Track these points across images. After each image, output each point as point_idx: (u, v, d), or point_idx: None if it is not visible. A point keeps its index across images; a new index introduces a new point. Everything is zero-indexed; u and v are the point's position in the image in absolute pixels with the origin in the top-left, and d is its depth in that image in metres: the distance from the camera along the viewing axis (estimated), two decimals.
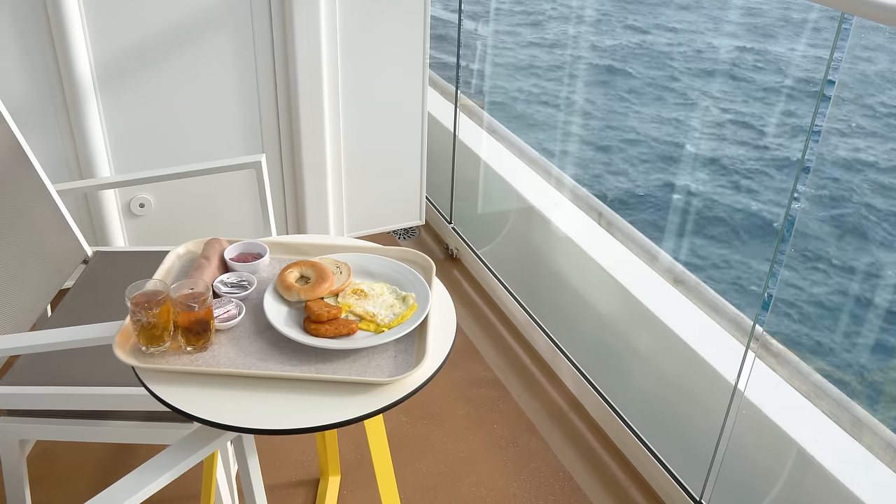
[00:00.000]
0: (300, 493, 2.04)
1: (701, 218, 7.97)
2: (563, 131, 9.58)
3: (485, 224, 3.01)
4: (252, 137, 2.67)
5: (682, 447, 2.06)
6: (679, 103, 10.58)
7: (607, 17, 12.87)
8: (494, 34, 10.65)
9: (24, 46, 2.28)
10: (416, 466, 2.13)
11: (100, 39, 2.34)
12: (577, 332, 2.48)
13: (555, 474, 2.13)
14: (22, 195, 2.01)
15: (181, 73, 2.49)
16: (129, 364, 1.27)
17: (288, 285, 1.39)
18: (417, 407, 2.32)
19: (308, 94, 2.61)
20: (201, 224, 2.74)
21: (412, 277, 1.45)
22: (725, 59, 11.53)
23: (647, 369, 2.20)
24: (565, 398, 2.41)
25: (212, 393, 1.23)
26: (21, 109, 2.33)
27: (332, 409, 1.20)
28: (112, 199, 2.58)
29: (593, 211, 2.65)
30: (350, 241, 1.60)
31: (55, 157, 2.44)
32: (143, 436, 1.76)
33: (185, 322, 1.27)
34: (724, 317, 2.11)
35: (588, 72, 11.58)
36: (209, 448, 1.24)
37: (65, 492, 2.01)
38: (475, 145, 3.06)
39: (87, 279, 2.10)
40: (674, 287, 2.25)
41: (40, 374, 1.74)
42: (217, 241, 1.52)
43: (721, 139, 9.71)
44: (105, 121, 2.45)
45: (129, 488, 1.17)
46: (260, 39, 2.53)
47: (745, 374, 1.82)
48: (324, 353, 1.29)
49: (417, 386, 1.24)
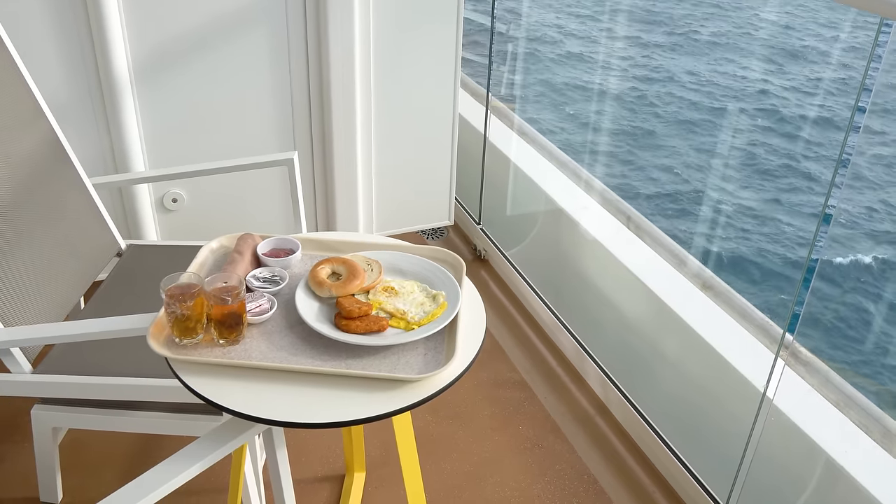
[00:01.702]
0: (325, 488, 2.05)
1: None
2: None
3: (513, 226, 3.01)
4: (284, 135, 2.70)
5: (708, 453, 2.05)
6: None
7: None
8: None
9: (63, 43, 2.31)
10: (441, 465, 2.14)
11: (137, 35, 2.38)
12: (604, 334, 2.48)
13: (579, 477, 2.12)
14: (60, 188, 2.04)
15: (216, 70, 2.52)
16: (163, 355, 1.28)
17: (320, 281, 1.40)
18: (443, 406, 2.33)
19: (340, 93, 2.63)
20: (232, 220, 2.77)
21: (442, 276, 1.46)
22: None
23: (674, 374, 2.19)
24: (591, 401, 2.41)
25: (243, 386, 1.24)
26: (60, 104, 2.36)
27: (361, 404, 1.21)
28: (146, 193, 2.61)
29: (622, 214, 2.64)
30: (381, 238, 1.61)
31: (92, 151, 2.48)
32: (171, 427, 1.78)
33: (218, 315, 1.29)
34: (753, 323, 2.10)
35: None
36: (239, 440, 1.26)
37: (94, 480, 2.04)
38: (505, 147, 3.06)
39: (120, 272, 2.13)
40: (702, 292, 2.24)
41: (74, 363, 1.77)
42: (250, 237, 1.54)
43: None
44: (141, 116, 2.49)
45: (161, 477, 1.18)
46: (294, 38, 2.55)
47: (775, 381, 1.81)
48: (354, 349, 1.30)
49: (446, 384, 1.25)
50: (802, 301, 1.76)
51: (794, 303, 1.76)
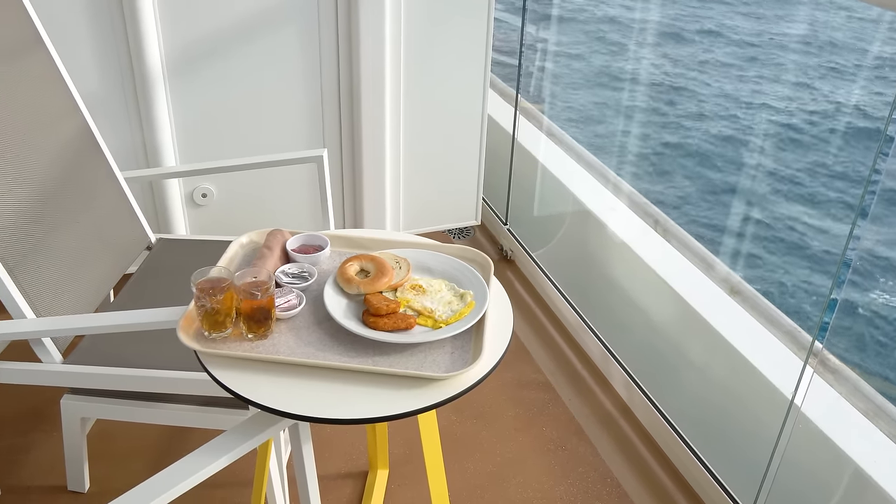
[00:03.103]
0: (348, 484, 2.06)
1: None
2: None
3: (540, 226, 3.01)
4: (313, 132, 2.71)
5: (733, 458, 2.04)
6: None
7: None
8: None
9: (98, 39, 2.34)
10: (464, 465, 2.14)
11: (171, 31, 2.40)
12: (630, 337, 2.47)
13: (602, 480, 2.11)
14: (92, 181, 2.07)
15: (247, 67, 2.53)
16: (192, 348, 1.30)
17: (348, 278, 1.41)
18: (467, 406, 2.33)
19: (370, 92, 2.64)
20: (260, 216, 2.79)
21: (470, 275, 1.46)
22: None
23: (699, 378, 2.17)
24: (615, 403, 2.40)
25: (270, 380, 1.25)
26: (94, 99, 2.39)
27: (387, 401, 1.21)
28: (176, 188, 2.64)
29: (649, 217, 2.63)
30: (409, 236, 1.62)
31: (124, 145, 2.51)
32: (198, 420, 1.80)
33: (247, 309, 1.30)
34: (781, 329, 2.08)
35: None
36: (266, 434, 1.27)
37: (121, 470, 2.06)
38: (533, 147, 3.06)
39: (149, 265, 2.15)
40: (730, 296, 2.23)
41: (103, 354, 1.79)
42: (279, 232, 1.55)
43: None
44: (172, 111, 2.51)
45: (189, 468, 1.19)
46: (325, 36, 2.56)
47: (803, 389, 1.79)
48: (381, 346, 1.31)
49: (473, 383, 1.25)
50: (833, 307, 1.74)
51: (825, 310, 1.74)
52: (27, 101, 1.91)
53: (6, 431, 2.18)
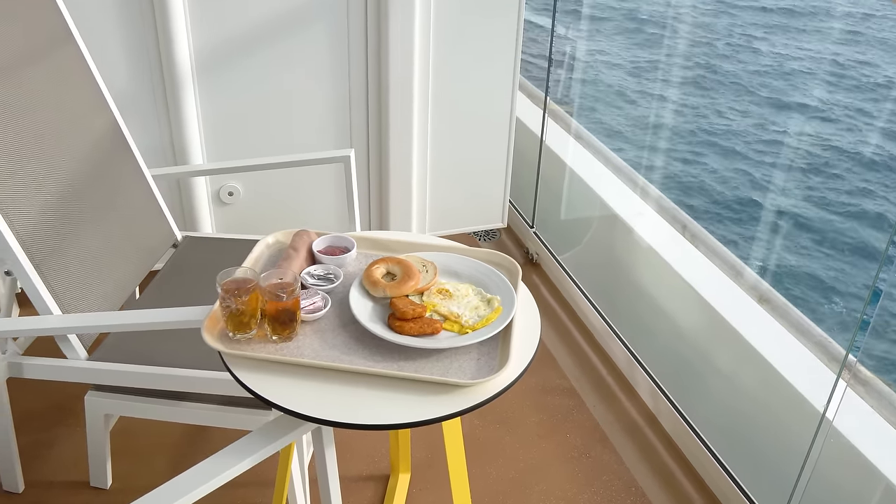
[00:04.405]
0: (370, 487, 2.05)
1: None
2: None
3: (567, 230, 2.98)
4: (340, 132, 2.70)
5: (761, 471, 2.00)
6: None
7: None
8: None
9: (128, 36, 2.35)
10: (487, 470, 2.12)
11: (200, 30, 2.40)
12: (656, 344, 2.43)
13: (626, 489, 2.09)
14: (120, 178, 2.07)
15: (275, 65, 2.53)
16: (216, 349, 1.29)
17: (374, 281, 1.39)
18: (490, 411, 2.31)
19: (399, 93, 2.63)
20: (286, 215, 2.79)
21: (497, 280, 1.44)
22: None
23: (727, 387, 2.14)
24: (640, 411, 2.37)
25: (294, 383, 1.24)
26: (123, 95, 2.40)
27: (412, 407, 1.20)
28: (203, 186, 2.64)
29: (677, 223, 2.59)
30: (436, 240, 1.60)
31: (152, 142, 2.51)
32: (220, 419, 1.79)
33: (272, 311, 1.29)
34: (811, 339, 2.04)
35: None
36: (290, 437, 1.26)
37: (143, 467, 2.06)
38: (561, 151, 3.03)
39: (175, 263, 2.15)
40: (759, 305, 2.19)
41: (128, 352, 1.79)
42: (306, 233, 1.54)
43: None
44: (201, 109, 2.51)
45: (212, 470, 1.19)
46: (354, 37, 2.55)
47: (835, 402, 1.75)
48: (407, 351, 1.29)
49: (499, 391, 1.23)
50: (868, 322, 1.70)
51: (859, 324, 1.70)
52: (59, 98, 1.91)
53: (31, 426, 2.19)
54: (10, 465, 1.94)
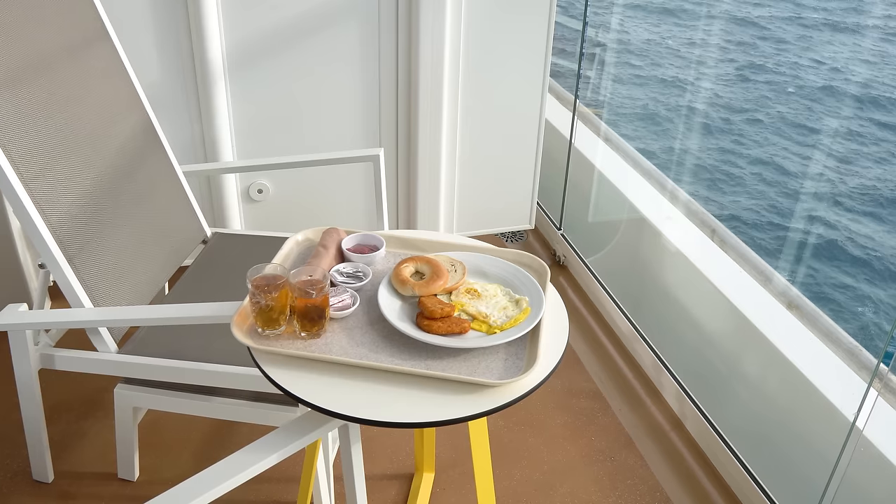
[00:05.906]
0: (394, 485, 2.05)
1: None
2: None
3: (594, 233, 2.97)
4: (370, 131, 2.71)
5: (787, 479, 1.98)
6: None
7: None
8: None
9: (161, 34, 2.37)
10: (511, 472, 2.12)
11: (233, 28, 2.42)
12: (683, 348, 2.42)
13: (651, 493, 2.07)
14: (152, 174, 2.09)
15: (306, 64, 2.55)
16: (246, 344, 1.30)
17: (403, 279, 1.40)
18: (515, 412, 2.31)
19: (428, 93, 2.63)
20: (314, 213, 2.80)
21: (526, 281, 1.44)
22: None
23: (754, 393, 2.12)
24: (666, 416, 2.35)
25: (322, 380, 1.25)
26: (155, 92, 2.43)
27: (439, 406, 1.20)
28: (233, 183, 2.66)
29: (706, 227, 2.57)
30: (465, 239, 1.60)
31: (183, 139, 2.54)
32: (247, 415, 1.80)
33: (301, 308, 1.30)
34: (841, 347, 2.01)
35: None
36: (316, 433, 1.26)
37: (170, 460, 2.08)
38: (590, 153, 3.02)
39: (204, 259, 2.17)
40: (788, 311, 2.17)
41: (157, 346, 1.81)
42: (335, 231, 1.55)
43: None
44: (232, 107, 2.53)
45: (238, 465, 1.20)
46: (385, 37, 2.56)
47: (866, 411, 1.73)
48: (434, 350, 1.29)
49: (526, 391, 1.23)
50: None
51: (892, 334, 1.68)
52: (94, 96, 1.94)
53: (61, 417, 2.22)
54: (41, 455, 1.96)
